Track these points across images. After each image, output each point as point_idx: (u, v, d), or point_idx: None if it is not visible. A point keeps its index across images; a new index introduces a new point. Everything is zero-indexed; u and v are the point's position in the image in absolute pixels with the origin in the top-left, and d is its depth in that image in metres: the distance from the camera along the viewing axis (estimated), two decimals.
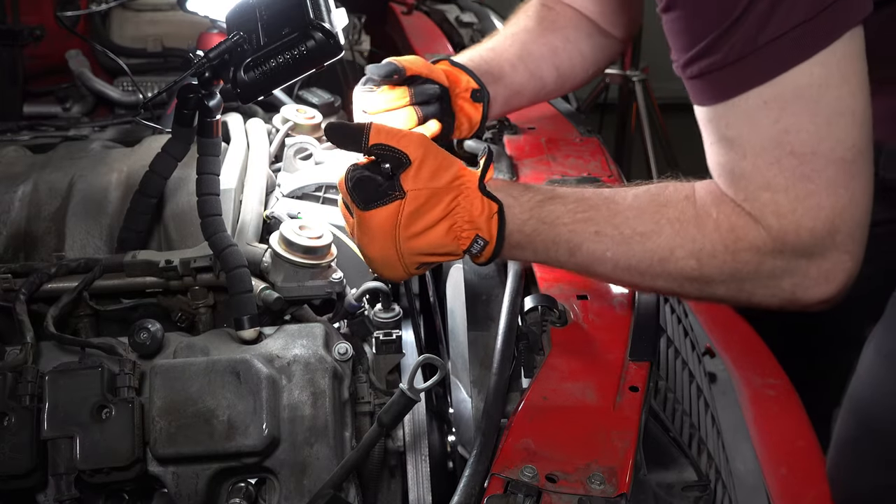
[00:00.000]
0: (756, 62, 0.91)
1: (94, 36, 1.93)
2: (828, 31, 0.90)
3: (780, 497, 1.33)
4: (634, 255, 1.01)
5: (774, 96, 0.91)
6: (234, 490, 1.00)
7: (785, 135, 0.92)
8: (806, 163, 0.92)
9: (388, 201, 1.01)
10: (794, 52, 0.90)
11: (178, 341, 1.06)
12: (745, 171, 0.96)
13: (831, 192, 0.94)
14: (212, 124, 1.14)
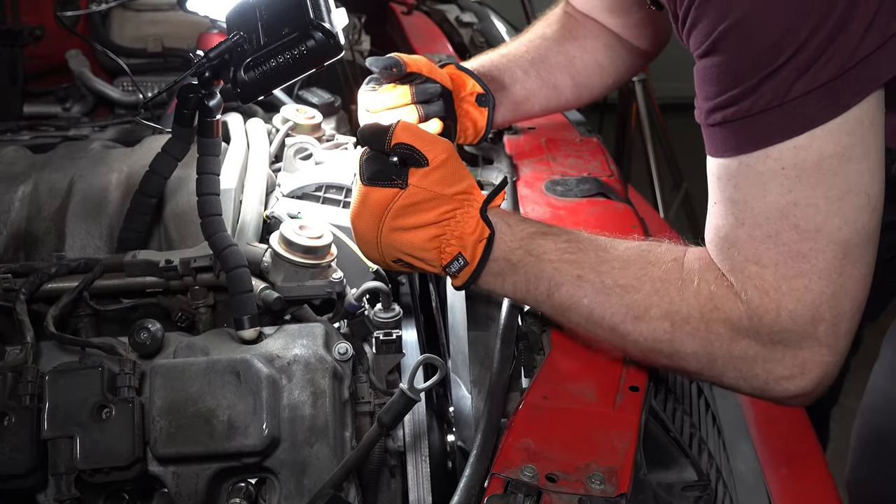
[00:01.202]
0: (783, 115, 0.85)
1: (94, 36, 1.93)
2: (857, 87, 0.84)
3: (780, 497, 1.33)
4: (610, 308, 0.97)
5: (794, 164, 0.86)
6: (235, 490, 1.00)
7: (793, 207, 0.87)
8: (806, 240, 0.87)
9: (388, 185, 1.03)
10: (824, 107, 0.84)
11: (179, 341, 1.06)
12: (739, 239, 0.91)
13: (824, 275, 0.88)
14: (212, 124, 1.14)
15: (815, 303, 0.88)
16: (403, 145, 1.03)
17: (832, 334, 0.90)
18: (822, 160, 0.84)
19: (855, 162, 0.84)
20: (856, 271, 0.88)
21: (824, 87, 0.82)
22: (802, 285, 0.88)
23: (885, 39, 0.81)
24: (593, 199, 1.37)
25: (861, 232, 0.87)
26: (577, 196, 1.38)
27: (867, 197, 0.86)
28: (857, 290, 0.90)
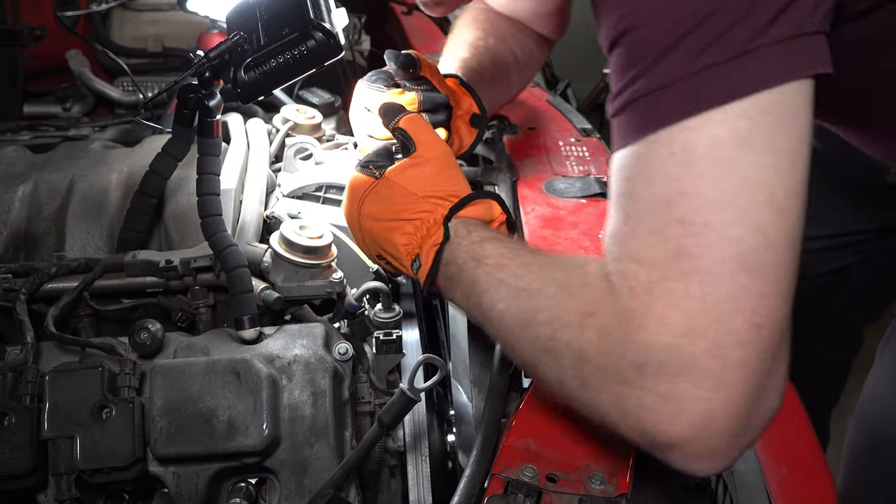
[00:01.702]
0: (675, 95, 0.74)
1: (94, 36, 1.93)
2: (763, 73, 0.73)
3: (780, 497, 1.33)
4: (514, 312, 0.86)
5: (685, 147, 0.74)
6: (235, 490, 1.00)
7: (679, 198, 0.74)
8: (692, 235, 0.73)
9: (365, 172, 1.04)
10: (721, 88, 0.73)
11: (179, 341, 1.06)
12: (624, 235, 0.79)
13: (708, 280, 0.72)
14: (212, 124, 1.14)
15: (692, 312, 0.72)
16: (402, 130, 1.05)
17: (716, 360, 0.72)
18: (716, 145, 0.73)
19: (757, 153, 0.73)
20: (753, 285, 0.72)
21: (722, 66, 0.73)
22: (680, 289, 0.73)
23: (804, 32, 0.74)
24: (593, 199, 1.37)
25: (759, 234, 0.73)
26: (577, 196, 1.38)
27: (769, 193, 0.73)
28: (754, 311, 0.72)
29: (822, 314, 1.69)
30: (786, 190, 0.73)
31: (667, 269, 0.74)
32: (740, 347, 0.72)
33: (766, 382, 0.74)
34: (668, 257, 0.74)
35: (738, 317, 0.72)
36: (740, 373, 0.72)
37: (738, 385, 0.72)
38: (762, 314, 0.73)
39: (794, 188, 0.74)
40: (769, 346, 0.73)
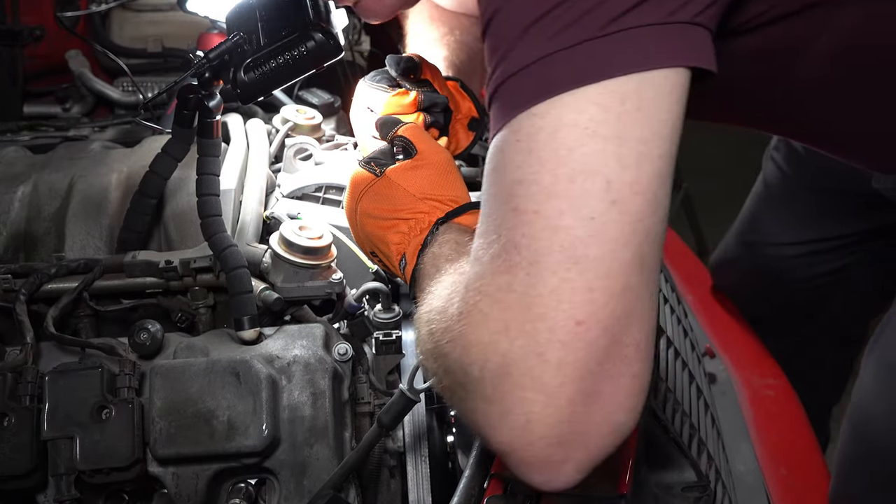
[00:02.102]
0: (531, 76, 0.71)
1: (94, 36, 1.93)
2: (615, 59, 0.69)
3: (779, 497, 1.33)
4: (424, 315, 0.83)
5: (529, 133, 0.70)
6: (234, 490, 1.00)
7: (518, 186, 0.70)
8: (522, 224, 0.69)
9: (367, 169, 1.04)
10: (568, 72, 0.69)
11: (178, 342, 1.06)
12: (478, 234, 0.76)
13: (533, 272, 0.68)
14: (212, 125, 1.14)
15: (512, 307, 0.69)
16: (402, 137, 1.05)
17: (535, 360, 0.67)
18: (559, 131, 0.69)
19: (600, 140, 0.68)
20: (580, 279, 0.67)
21: (574, 49, 0.69)
22: (505, 283, 0.69)
23: (673, 21, 0.70)
24: None
25: (591, 226, 0.68)
26: None
27: (606, 184, 0.68)
28: (576, 306, 0.67)
29: (822, 314, 1.69)
30: (628, 182, 0.68)
31: (496, 264, 0.71)
32: (561, 346, 0.67)
33: (596, 387, 0.68)
34: (500, 252, 0.71)
35: (560, 312, 0.67)
36: (560, 374, 0.67)
37: (557, 387, 0.67)
38: (586, 311, 0.67)
39: (641, 181, 0.69)
40: (596, 347, 0.67)
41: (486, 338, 0.70)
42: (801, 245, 1.59)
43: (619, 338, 0.68)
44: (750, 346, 1.66)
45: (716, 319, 1.70)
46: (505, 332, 0.69)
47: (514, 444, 0.69)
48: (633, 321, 0.69)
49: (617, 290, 0.68)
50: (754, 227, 1.66)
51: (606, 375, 0.68)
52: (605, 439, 0.69)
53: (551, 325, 0.67)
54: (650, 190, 0.70)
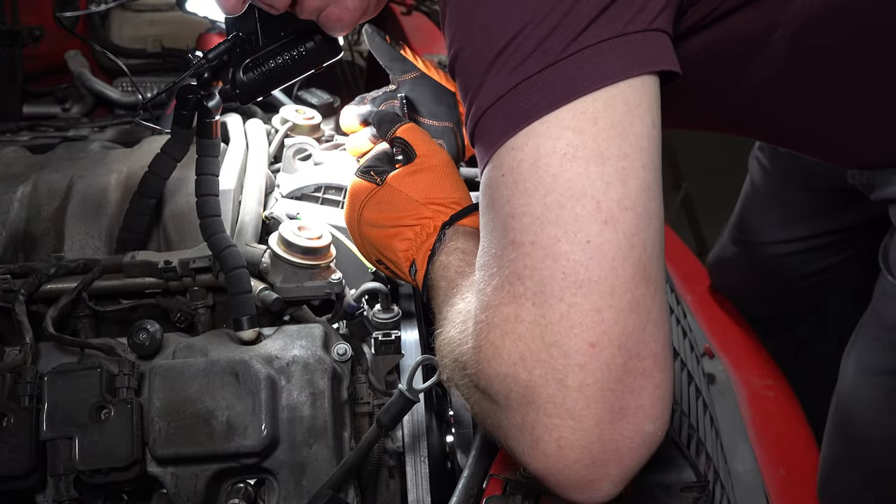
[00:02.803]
0: (502, 111, 0.71)
1: (94, 36, 1.94)
2: (579, 80, 0.69)
3: (778, 497, 1.33)
4: (444, 345, 0.84)
5: (512, 167, 0.71)
6: (233, 491, 1.00)
7: (511, 220, 0.72)
8: (522, 256, 0.71)
9: (366, 178, 1.03)
10: (537, 100, 0.70)
11: (178, 342, 1.06)
12: (479, 268, 0.77)
13: (539, 300, 0.69)
14: (211, 125, 1.14)
15: (524, 337, 0.70)
16: (400, 139, 1.05)
17: (555, 386, 0.68)
18: (540, 160, 0.70)
19: (581, 163, 0.69)
20: (585, 302, 0.68)
21: (539, 76, 0.70)
22: (512, 314, 0.71)
23: (629, 31, 0.71)
24: None
25: (587, 248, 0.69)
26: None
27: (596, 204, 0.69)
28: (587, 329, 0.68)
29: (818, 312, 1.70)
30: (616, 200, 0.70)
31: (499, 295, 0.72)
32: (579, 370, 0.68)
33: (620, 404, 0.69)
34: (503, 284, 0.72)
35: (572, 337, 0.68)
36: (583, 397, 0.68)
37: (582, 410, 0.68)
38: (597, 331, 0.68)
39: (629, 196, 0.70)
40: (614, 366, 0.68)
41: (504, 370, 0.71)
42: (791, 243, 1.60)
43: (635, 352, 0.69)
44: (749, 346, 1.66)
45: (715, 320, 1.70)
46: (522, 363, 0.70)
47: (551, 469, 0.71)
48: (646, 333, 0.70)
49: (625, 307, 0.69)
50: (745, 227, 1.67)
51: (628, 391, 0.69)
52: (638, 452, 0.70)
53: (566, 351, 0.68)
54: (640, 203, 0.70)
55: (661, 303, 0.72)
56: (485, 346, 0.73)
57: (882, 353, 1.17)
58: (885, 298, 1.15)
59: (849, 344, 1.26)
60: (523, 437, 0.71)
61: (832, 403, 1.28)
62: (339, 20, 0.94)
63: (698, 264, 1.88)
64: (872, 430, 1.21)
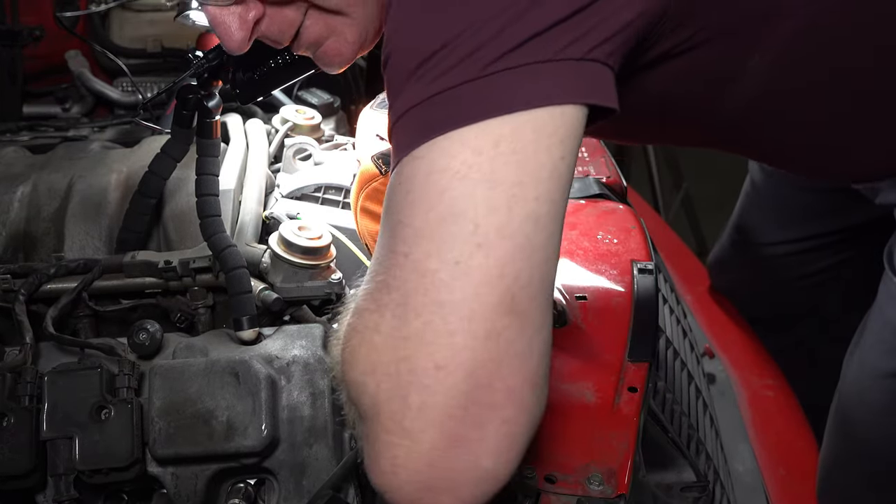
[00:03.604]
0: (413, 120, 0.71)
1: (94, 36, 1.93)
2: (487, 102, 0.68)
3: (778, 497, 1.33)
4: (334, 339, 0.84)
5: (409, 177, 0.71)
6: (233, 490, 1.00)
7: (397, 227, 0.71)
8: (395, 266, 0.70)
9: (375, 164, 1.05)
10: (443, 116, 0.69)
11: (178, 342, 1.06)
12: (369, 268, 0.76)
13: (398, 314, 0.69)
14: (211, 125, 1.14)
15: (378, 347, 0.69)
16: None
17: (398, 403, 0.67)
18: (433, 174, 0.69)
19: (470, 183, 0.68)
20: (441, 323, 0.67)
21: (452, 91, 0.69)
22: (373, 322, 0.70)
23: (560, 58, 0.69)
24: (593, 200, 1.37)
25: (455, 269, 0.67)
26: (576, 197, 1.38)
27: (473, 227, 0.67)
28: (436, 350, 0.67)
29: (818, 312, 1.70)
30: (496, 226, 0.68)
31: (368, 301, 0.72)
32: (422, 390, 0.67)
33: (459, 432, 0.67)
34: (373, 288, 0.72)
35: (422, 356, 0.67)
36: (421, 418, 0.67)
37: (419, 432, 0.67)
38: (446, 354, 0.67)
39: (510, 224, 0.68)
40: (457, 392, 0.67)
41: (357, 377, 0.71)
42: (790, 244, 1.60)
43: (485, 382, 0.67)
44: (749, 346, 1.66)
45: (715, 319, 1.70)
46: (372, 374, 0.69)
47: (385, 488, 0.70)
48: (502, 366, 0.68)
49: (481, 335, 0.67)
50: (745, 227, 1.67)
51: (471, 421, 0.67)
52: (475, 486, 0.68)
53: (413, 368, 0.67)
54: (521, 233, 0.68)
55: (530, 338, 0.69)
56: (346, 351, 0.72)
57: (887, 356, 1.17)
58: (890, 300, 1.15)
59: (851, 345, 1.26)
60: (368, 449, 0.71)
61: (833, 404, 1.28)
62: (339, 54, 0.91)
63: (698, 264, 1.88)
64: (874, 431, 1.21)
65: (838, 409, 1.27)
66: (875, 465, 1.24)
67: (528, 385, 0.69)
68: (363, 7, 0.86)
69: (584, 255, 1.19)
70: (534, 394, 0.70)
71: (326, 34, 0.89)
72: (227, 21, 0.85)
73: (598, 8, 0.70)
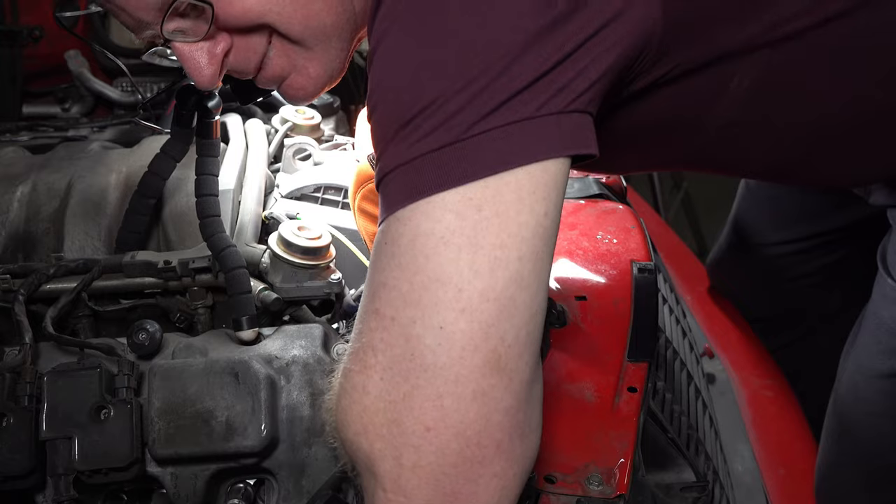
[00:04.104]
0: (397, 181, 0.71)
1: (93, 36, 1.93)
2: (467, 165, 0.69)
3: (778, 497, 1.33)
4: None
5: (394, 238, 0.72)
6: (233, 491, 1.00)
7: (381, 289, 0.73)
8: (381, 328, 0.72)
9: (371, 164, 1.05)
10: (428, 179, 0.70)
11: (177, 342, 1.06)
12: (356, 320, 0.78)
13: (387, 377, 0.71)
14: (211, 125, 1.14)
15: (368, 410, 0.72)
16: None
17: (392, 463, 0.71)
18: (418, 238, 0.70)
19: (454, 249, 0.69)
20: (429, 386, 0.69)
21: (434, 154, 0.70)
22: (361, 384, 0.72)
23: (533, 115, 0.70)
24: (593, 200, 1.37)
25: (440, 334, 0.69)
26: (576, 197, 1.38)
27: (457, 292, 0.69)
28: (425, 412, 0.69)
29: (817, 312, 1.70)
30: (479, 290, 0.69)
31: (354, 362, 0.74)
32: (413, 451, 0.70)
33: (453, 489, 0.70)
34: (360, 348, 0.74)
35: (411, 419, 0.70)
36: (415, 477, 0.70)
37: (414, 489, 0.70)
38: (434, 416, 0.69)
39: (494, 287, 0.69)
40: (448, 451, 0.70)
41: (351, 437, 0.74)
42: (787, 244, 1.60)
43: (474, 440, 0.70)
44: (749, 346, 1.66)
45: (715, 319, 1.70)
46: (364, 434, 0.72)
47: None
48: (490, 423, 0.70)
49: (468, 396, 0.69)
50: (742, 228, 1.67)
51: (463, 477, 0.70)
52: None
53: (404, 430, 0.70)
54: (505, 295, 0.70)
55: (517, 392, 0.71)
56: (338, 409, 0.75)
57: (881, 357, 1.17)
58: (884, 301, 1.15)
59: (846, 345, 1.26)
60: (367, 500, 0.74)
61: (829, 405, 1.29)
62: (302, 88, 0.92)
63: (698, 264, 1.88)
64: (869, 432, 1.21)
65: (834, 409, 1.27)
66: (871, 465, 1.24)
67: (518, 437, 0.72)
68: (325, 42, 0.87)
69: (584, 255, 1.19)
70: (523, 444, 0.73)
71: (289, 69, 0.90)
72: (196, 57, 0.86)
73: (576, 59, 0.70)
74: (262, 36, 0.87)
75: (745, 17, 0.82)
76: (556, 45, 0.69)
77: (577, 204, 1.36)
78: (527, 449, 0.74)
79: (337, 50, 0.89)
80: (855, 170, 1.04)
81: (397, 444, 0.70)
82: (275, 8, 0.83)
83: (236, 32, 0.86)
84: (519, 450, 0.72)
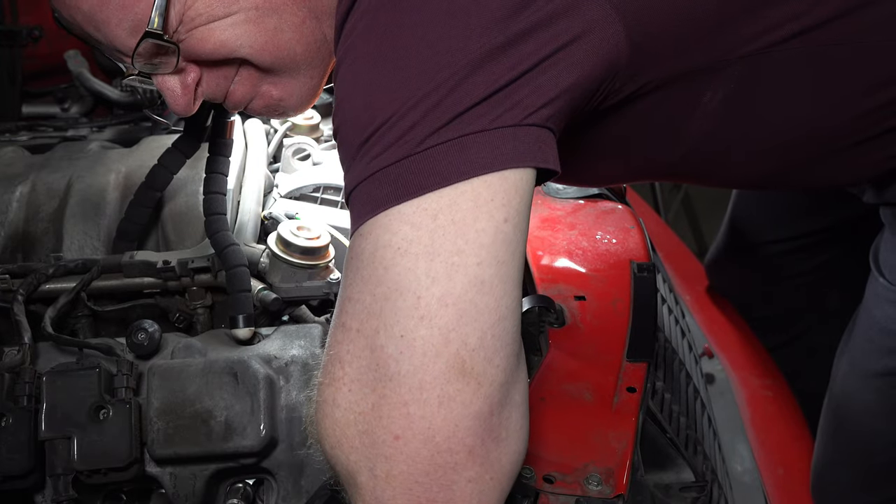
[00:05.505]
0: (359, 196, 0.73)
1: None
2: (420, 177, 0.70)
3: (777, 497, 1.33)
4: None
5: (357, 253, 0.74)
6: (232, 491, 1.00)
7: (347, 302, 0.74)
8: (346, 342, 0.73)
9: None
10: (383, 193, 0.71)
11: (176, 342, 1.06)
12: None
13: (355, 388, 0.72)
14: (225, 124, 1.15)
15: (339, 422, 0.73)
16: None
17: (367, 474, 0.72)
18: (377, 251, 0.72)
19: (411, 258, 0.70)
20: (393, 394, 0.70)
21: (389, 169, 0.71)
22: (331, 397, 0.74)
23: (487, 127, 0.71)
24: (592, 201, 1.37)
25: (401, 343, 0.70)
26: (575, 197, 1.38)
27: (416, 300, 0.70)
28: (392, 421, 0.70)
29: (814, 310, 1.70)
30: (437, 296, 0.70)
31: (326, 375, 0.75)
32: (385, 461, 0.71)
33: (428, 497, 0.71)
34: (329, 361, 0.75)
35: (380, 428, 0.71)
36: (389, 487, 0.71)
37: (390, 500, 0.71)
38: (401, 425, 0.70)
39: (452, 292, 0.70)
40: (418, 459, 0.70)
41: (328, 450, 0.75)
42: (784, 242, 1.61)
43: (444, 447, 0.70)
44: (748, 346, 1.66)
45: (714, 319, 1.70)
46: (339, 447, 0.74)
47: None
48: (459, 428, 0.71)
49: (433, 402, 0.70)
50: (739, 228, 1.67)
51: (437, 485, 0.71)
52: None
53: (374, 440, 0.71)
54: (464, 299, 0.70)
55: (489, 396, 0.71)
56: (315, 422, 0.76)
57: (874, 356, 1.17)
58: (877, 300, 1.15)
59: (840, 344, 1.26)
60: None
61: (824, 404, 1.29)
62: (267, 108, 0.96)
63: (697, 264, 1.88)
64: (863, 431, 1.21)
65: (829, 408, 1.27)
66: (865, 464, 1.24)
67: (492, 441, 0.72)
68: (294, 69, 0.91)
69: (583, 254, 1.19)
70: (499, 448, 0.73)
71: (251, 93, 0.94)
72: (171, 86, 0.91)
73: (531, 77, 0.72)
74: (231, 67, 0.91)
75: (713, 36, 0.83)
76: (510, 63, 0.71)
77: (576, 204, 1.36)
78: (504, 453, 0.73)
79: (306, 77, 0.93)
80: (839, 175, 1.04)
81: (370, 455, 0.72)
82: (246, 42, 0.87)
83: (206, 65, 0.91)
84: (494, 454, 0.72)
